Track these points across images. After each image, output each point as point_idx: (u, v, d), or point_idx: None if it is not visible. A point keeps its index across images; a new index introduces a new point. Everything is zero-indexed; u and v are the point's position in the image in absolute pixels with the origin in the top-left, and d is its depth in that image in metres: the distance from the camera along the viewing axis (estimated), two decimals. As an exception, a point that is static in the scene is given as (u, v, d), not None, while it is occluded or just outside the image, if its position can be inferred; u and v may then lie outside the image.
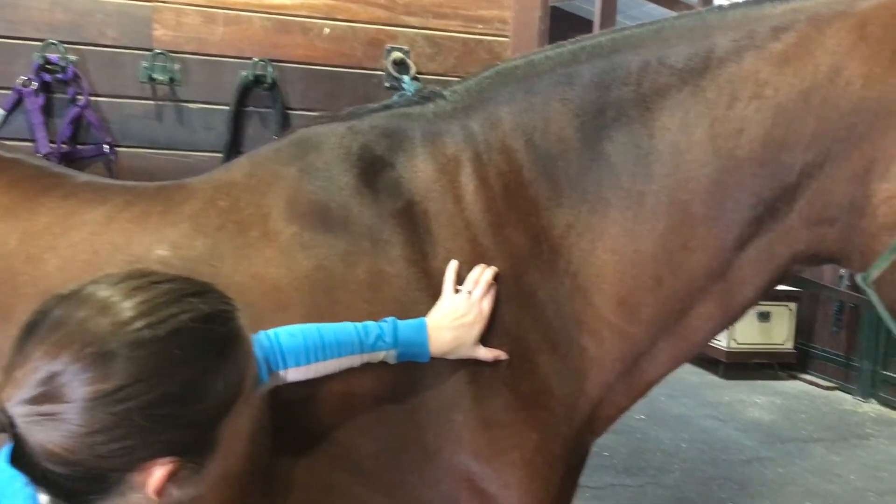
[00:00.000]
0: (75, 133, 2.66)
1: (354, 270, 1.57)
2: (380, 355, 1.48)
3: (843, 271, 6.54)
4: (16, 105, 2.60)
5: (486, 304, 1.54)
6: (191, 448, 1.05)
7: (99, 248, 1.60)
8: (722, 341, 8.20)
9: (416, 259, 1.59)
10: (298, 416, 1.52)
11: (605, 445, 5.78)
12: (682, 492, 5.12)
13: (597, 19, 9.34)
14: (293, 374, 1.44)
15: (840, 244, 1.51)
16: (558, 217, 1.61)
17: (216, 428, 1.08)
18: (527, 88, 1.67)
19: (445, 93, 1.77)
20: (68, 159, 2.63)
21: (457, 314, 1.51)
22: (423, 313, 1.55)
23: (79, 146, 2.67)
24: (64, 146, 2.62)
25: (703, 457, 5.80)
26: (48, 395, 0.97)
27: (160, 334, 1.00)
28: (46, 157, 2.54)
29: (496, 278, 1.58)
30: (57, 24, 2.62)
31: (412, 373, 1.53)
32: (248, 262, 1.59)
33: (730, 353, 8.20)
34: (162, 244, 1.60)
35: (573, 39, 1.71)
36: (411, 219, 1.62)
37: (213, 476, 1.12)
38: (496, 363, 1.55)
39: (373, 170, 1.67)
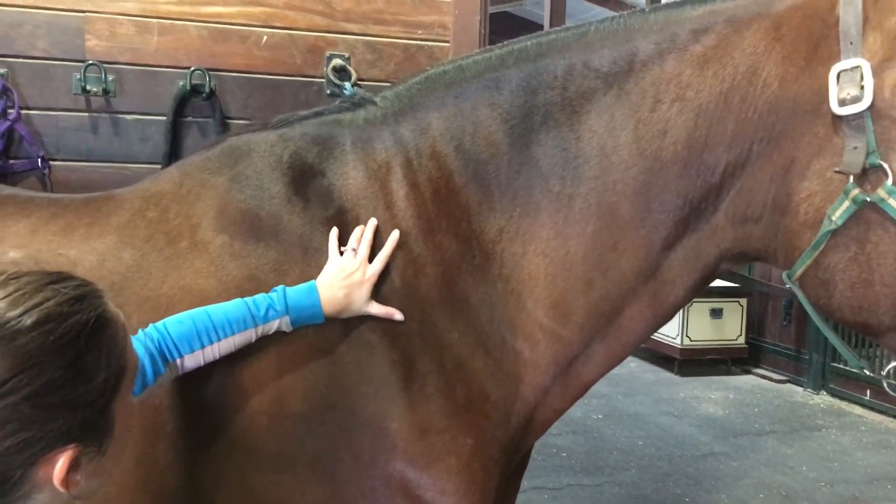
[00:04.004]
0: (7, 147, 2.58)
1: (286, 279, 1.56)
2: (274, 325, 1.49)
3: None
4: (-56, 121, 2.53)
5: (378, 265, 1.56)
6: (88, 431, 1.06)
7: (21, 262, 1.56)
8: (676, 339, 8.31)
9: None
10: (228, 428, 1.50)
11: (562, 446, 5.82)
12: (639, 489, 5.17)
13: (546, 24, 9.43)
14: (189, 361, 1.44)
15: (765, 242, 1.53)
16: (490, 222, 1.61)
17: (109, 406, 1.09)
18: (456, 93, 1.67)
19: (376, 99, 1.77)
20: (0, 174, 2.56)
21: (345, 273, 1.52)
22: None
23: (11, 161, 2.60)
24: (-5, 161, 2.55)
25: (658, 454, 5.86)
26: None
27: (29, 324, 1.00)
28: (-24, 172, 2.48)
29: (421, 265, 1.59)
30: (-16, 37, 2.56)
31: (344, 382, 1.52)
32: (178, 274, 1.57)
33: (684, 350, 8.32)
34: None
35: (501, 44, 1.72)
36: (343, 226, 1.61)
37: (117, 462, 1.12)
38: (430, 370, 1.54)
39: (303, 178, 1.66)
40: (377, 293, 1.56)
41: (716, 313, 8.40)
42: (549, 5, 9.43)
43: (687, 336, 8.29)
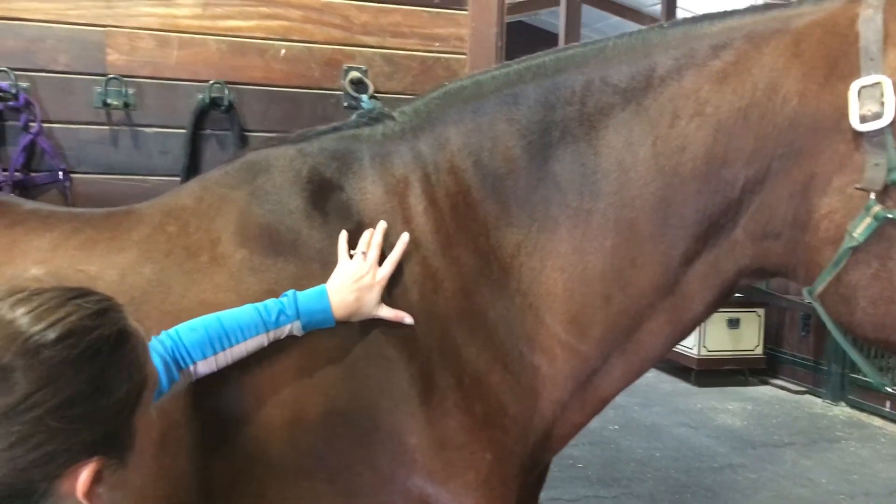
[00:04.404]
0: (29, 160, 2.61)
1: None
2: (285, 329, 1.50)
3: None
4: (-33, 135, 2.56)
5: (387, 268, 1.57)
6: (110, 444, 1.07)
7: (43, 278, 1.58)
8: (693, 349, 8.27)
9: None
10: (247, 442, 1.50)
11: (579, 457, 5.80)
12: (656, 501, 5.14)
13: (561, 33, 9.44)
14: (202, 367, 1.45)
15: (785, 258, 1.52)
16: (508, 236, 1.62)
17: (131, 419, 1.10)
18: (474, 109, 1.68)
19: (394, 114, 1.78)
20: (22, 187, 2.59)
21: (356, 276, 1.53)
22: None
23: (33, 174, 2.62)
24: (17, 174, 2.58)
25: (676, 465, 5.82)
26: None
27: (53, 338, 1.01)
28: (-1, 185, 2.51)
29: (445, 297, 1.58)
30: (7, 51, 2.57)
31: (363, 396, 1.53)
32: (198, 288, 1.58)
33: (701, 361, 8.27)
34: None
35: (519, 59, 1.72)
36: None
37: (138, 474, 1.13)
38: (448, 384, 1.55)
39: (322, 192, 1.67)
40: (396, 308, 1.57)
41: (733, 323, 8.35)
42: (564, 15, 9.45)
43: (704, 346, 8.25)
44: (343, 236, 1.60)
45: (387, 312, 1.55)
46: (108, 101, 2.65)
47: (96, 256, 1.63)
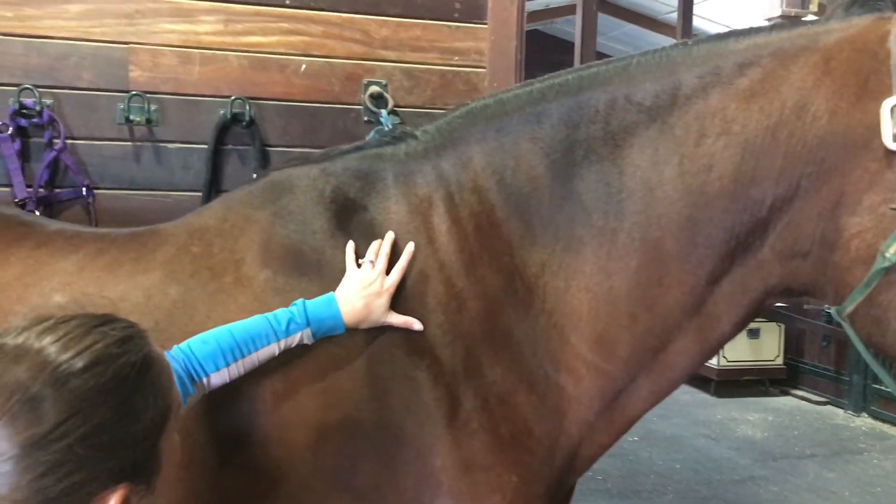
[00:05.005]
0: (53, 176, 2.63)
1: None
2: (296, 338, 1.50)
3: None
4: (-9, 151, 2.58)
5: (395, 276, 1.57)
6: (137, 469, 1.07)
7: (66, 306, 1.58)
8: (713, 359, 8.20)
9: None
10: (272, 464, 1.50)
11: (598, 469, 5.75)
12: (677, 514, 5.10)
13: (577, 41, 9.44)
14: (216, 379, 1.46)
15: (813, 277, 1.50)
16: (532, 256, 1.61)
17: (156, 445, 1.10)
18: (497, 128, 1.67)
19: (417, 133, 1.78)
20: (46, 203, 2.61)
21: (364, 284, 1.54)
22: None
23: (56, 190, 2.65)
24: (41, 190, 2.60)
25: (696, 477, 5.77)
26: None
27: (80, 366, 1.02)
28: (24, 201, 2.52)
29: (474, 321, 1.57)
30: (32, 69, 2.60)
31: (388, 418, 1.52)
32: (222, 309, 1.59)
33: (721, 371, 8.21)
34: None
35: (541, 77, 1.71)
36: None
37: (163, 498, 1.13)
38: (474, 405, 1.54)
39: (346, 212, 1.67)
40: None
41: (753, 333, 8.28)
42: (580, 23, 9.45)
43: (724, 356, 8.17)
44: (350, 246, 1.61)
45: (396, 319, 1.55)
46: (131, 117, 2.67)
47: (122, 278, 1.64)
